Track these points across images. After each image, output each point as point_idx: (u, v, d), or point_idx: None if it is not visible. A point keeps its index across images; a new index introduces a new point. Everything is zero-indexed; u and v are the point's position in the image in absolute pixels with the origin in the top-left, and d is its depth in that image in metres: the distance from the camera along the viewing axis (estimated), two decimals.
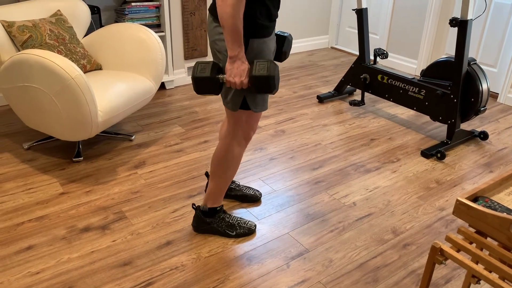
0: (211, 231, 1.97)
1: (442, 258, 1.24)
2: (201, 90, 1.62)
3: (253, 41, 1.58)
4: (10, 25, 2.42)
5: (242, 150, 1.84)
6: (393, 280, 1.78)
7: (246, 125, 1.77)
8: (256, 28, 1.57)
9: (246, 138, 1.81)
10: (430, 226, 2.10)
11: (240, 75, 1.55)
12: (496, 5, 3.49)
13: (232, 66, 1.55)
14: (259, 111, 1.73)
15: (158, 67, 2.69)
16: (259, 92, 1.61)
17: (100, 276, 1.74)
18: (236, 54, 1.53)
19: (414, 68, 4.15)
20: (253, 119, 1.77)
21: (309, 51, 4.77)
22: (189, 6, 3.47)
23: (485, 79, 2.70)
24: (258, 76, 1.55)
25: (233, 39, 1.50)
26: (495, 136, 2.99)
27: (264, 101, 1.73)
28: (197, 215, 1.97)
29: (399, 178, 2.47)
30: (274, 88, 1.58)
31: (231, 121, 1.76)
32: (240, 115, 1.73)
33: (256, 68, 1.55)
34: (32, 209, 2.11)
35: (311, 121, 3.12)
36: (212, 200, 1.92)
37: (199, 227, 1.98)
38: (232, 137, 1.79)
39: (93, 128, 2.26)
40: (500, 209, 1.23)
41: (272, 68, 1.55)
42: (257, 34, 1.59)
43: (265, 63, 1.56)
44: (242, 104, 1.68)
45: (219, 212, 1.95)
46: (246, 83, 1.58)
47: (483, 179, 2.50)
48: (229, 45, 1.51)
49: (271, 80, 1.55)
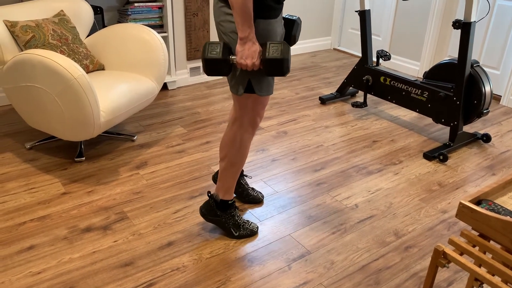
0: (217, 224, 1.96)
1: (445, 261, 1.23)
2: (211, 71, 1.58)
3: (259, 22, 1.56)
4: (13, 25, 2.43)
5: (249, 137, 1.81)
6: (395, 283, 1.77)
7: (252, 111, 1.74)
8: (263, 9, 1.54)
9: (252, 124, 1.78)
10: (432, 229, 2.09)
11: (252, 57, 1.52)
12: (499, 7, 3.49)
13: (243, 47, 1.52)
14: (264, 95, 1.70)
15: (160, 68, 2.69)
16: (271, 74, 1.56)
17: (102, 276, 1.74)
18: (246, 35, 1.50)
19: (417, 70, 4.15)
20: (259, 104, 1.73)
21: (312, 53, 4.77)
22: (191, 7, 3.47)
23: (488, 82, 2.70)
24: (271, 58, 1.50)
25: (243, 20, 1.47)
26: (498, 139, 2.98)
27: (269, 85, 1.69)
28: (209, 203, 1.94)
29: (401, 180, 2.47)
30: (287, 71, 1.54)
31: (237, 107, 1.74)
32: (245, 100, 1.70)
33: (270, 50, 1.51)
34: (34, 209, 2.11)
35: (313, 123, 3.12)
36: (224, 191, 1.90)
37: (207, 215, 1.95)
38: (239, 124, 1.76)
39: (95, 128, 2.26)
40: (504, 212, 1.22)
41: (286, 50, 1.51)
42: (264, 15, 1.56)
43: (278, 45, 1.51)
44: (247, 88, 1.66)
45: (231, 208, 1.94)
46: (258, 65, 1.55)
47: (486, 181, 2.49)
48: (239, 26, 1.48)
49: (285, 62, 1.51)
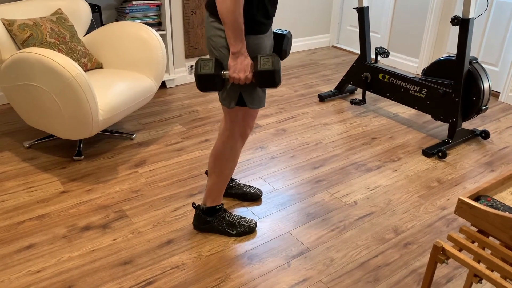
0: (211, 230, 1.97)
1: (444, 257, 1.23)
2: (205, 87, 1.61)
3: (249, 38, 1.58)
4: (10, 23, 2.42)
5: (239, 148, 1.83)
6: (394, 279, 1.77)
7: (243, 122, 1.76)
8: (252, 25, 1.56)
9: (242, 135, 1.80)
10: (431, 225, 2.09)
11: (244, 70, 1.55)
12: (497, 3, 3.48)
13: (235, 61, 1.54)
14: (256, 108, 1.72)
15: (159, 66, 2.68)
16: (263, 86, 1.59)
17: (101, 275, 1.74)
18: (238, 50, 1.52)
19: (416, 67, 4.14)
20: (249, 116, 1.76)
21: (310, 50, 4.77)
22: (190, 5, 3.47)
23: (487, 78, 2.70)
24: (263, 70, 1.54)
25: (234, 35, 1.49)
26: (497, 135, 2.98)
27: (260, 98, 1.71)
28: (197, 214, 1.97)
29: (400, 177, 2.47)
30: (279, 82, 1.58)
31: (227, 118, 1.75)
32: (236, 112, 1.72)
33: (261, 62, 1.54)
34: (32, 207, 2.11)
35: (312, 120, 3.12)
36: (212, 199, 1.92)
37: (199, 225, 1.97)
38: (228, 134, 1.78)
39: (94, 126, 2.25)
40: (502, 208, 1.22)
41: (276, 62, 1.54)
42: (254, 31, 1.58)
43: (269, 57, 1.55)
44: (238, 101, 1.67)
45: (220, 211, 1.95)
46: (251, 78, 1.57)
47: (485, 178, 2.49)
48: (231, 41, 1.51)
49: (276, 74, 1.54)
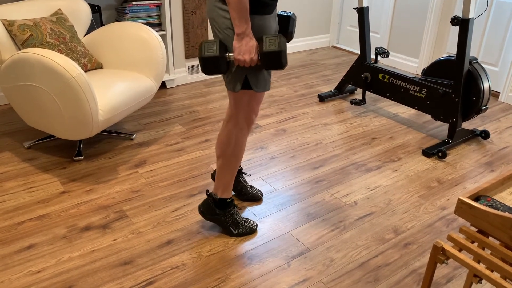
0: (216, 222, 1.96)
1: (444, 257, 1.23)
2: (209, 70, 1.58)
3: (253, 18, 1.55)
4: (10, 24, 2.42)
5: (245, 135, 1.81)
6: (394, 280, 1.77)
7: (248, 107, 1.73)
8: (257, 5, 1.54)
9: (248, 121, 1.78)
10: (431, 225, 2.09)
11: (250, 52, 1.52)
12: (497, 3, 3.48)
13: (240, 43, 1.52)
14: (261, 91, 1.69)
15: (159, 66, 2.69)
16: (269, 68, 1.56)
17: (101, 275, 1.74)
18: (243, 31, 1.50)
19: (416, 67, 4.14)
20: (254, 100, 1.73)
21: (310, 50, 4.77)
22: (189, 5, 3.47)
23: (487, 78, 2.70)
24: (269, 52, 1.50)
25: (239, 15, 1.47)
26: (497, 135, 2.98)
27: (266, 81, 1.69)
28: (208, 202, 1.94)
29: (400, 177, 2.47)
30: (285, 63, 1.55)
31: (232, 103, 1.73)
32: (241, 96, 1.70)
33: (267, 43, 1.51)
34: (32, 208, 2.11)
35: (312, 120, 3.12)
36: (222, 189, 1.90)
37: (207, 214, 1.95)
38: (234, 121, 1.76)
39: (94, 127, 2.25)
40: (502, 208, 1.22)
41: (282, 42, 1.51)
42: (258, 11, 1.55)
43: (275, 38, 1.52)
44: (243, 84, 1.65)
45: (230, 206, 1.94)
46: (256, 60, 1.55)
47: (485, 178, 2.49)
48: (236, 21, 1.48)
49: (283, 54, 1.51)
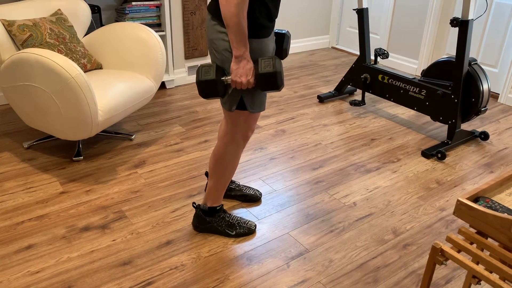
0: (211, 230, 1.97)
1: (442, 258, 1.23)
2: (207, 93, 1.60)
3: (251, 41, 1.57)
4: (10, 24, 2.42)
5: (240, 150, 1.83)
6: (393, 281, 1.77)
7: (244, 125, 1.76)
8: (255, 28, 1.56)
9: (244, 138, 1.80)
10: (431, 227, 2.10)
11: (247, 75, 1.54)
12: (497, 5, 3.49)
13: (237, 66, 1.53)
14: (256, 112, 1.71)
15: (158, 67, 2.69)
16: (266, 89, 1.58)
17: (100, 275, 1.74)
18: (241, 54, 1.51)
19: (415, 68, 4.15)
20: (251, 119, 1.75)
21: (310, 51, 4.77)
22: (189, 6, 3.47)
23: (486, 79, 2.70)
24: (264, 73, 1.52)
25: (238, 39, 1.48)
26: (496, 137, 2.98)
27: (261, 102, 1.71)
28: (197, 214, 1.97)
29: (399, 178, 2.47)
30: (281, 84, 1.56)
31: (229, 122, 1.75)
32: (237, 116, 1.72)
33: (262, 65, 1.53)
34: (32, 208, 2.11)
35: (312, 121, 3.12)
36: (212, 200, 1.92)
37: (199, 226, 1.97)
38: (230, 137, 1.78)
39: (93, 127, 2.25)
40: (501, 209, 1.23)
41: (278, 64, 1.53)
42: (257, 34, 1.57)
43: (269, 60, 1.54)
44: (239, 105, 1.67)
45: (219, 212, 1.95)
46: (252, 82, 1.56)
47: (484, 179, 2.50)
48: (234, 44, 1.50)
49: (278, 76, 1.53)
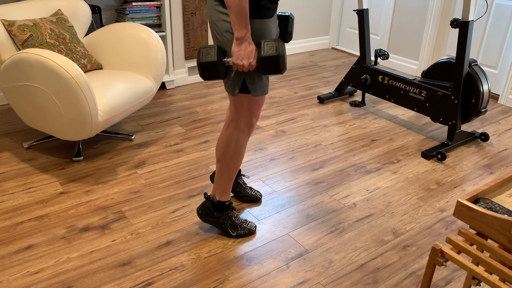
0: (214, 224, 1.96)
1: (442, 259, 1.23)
2: (208, 75, 1.59)
3: (253, 22, 1.55)
4: (10, 24, 2.42)
5: (245, 138, 1.81)
6: (393, 282, 1.77)
7: (248, 111, 1.74)
8: (257, 9, 1.54)
9: (248, 125, 1.78)
10: (431, 228, 2.09)
11: (248, 57, 1.53)
12: (497, 6, 3.49)
13: (239, 48, 1.52)
14: (259, 95, 1.69)
15: (158, 67, 2.69)
16: (268, 73, 1.56)
17: (100, 276, 1.74)
18: (243, 36, 1.50)
19: (415, 69, 4.15)
20: (255, 104, 1.73)
21: (310, 52, 4.77)
22: (189, 6, 3.47)
23: (486, 81, 2.70)
24: (267, 56, 1.51)
25: (239, 20, 1.47)
26: (496, 138, 2.98)
27: (263, 85, 1.69)
28: (206, 205, 1.94)
29: (399, 179, 2.47)
30: (284, 68, 1.55)
31: (233, 107, 1.73)
32: (241, 100, 1.70)
33: (264, 48, 1.52)
34: (31, 208, 2.11)
35: (312, 122, 3.12)
36: (220, 191, 1.91)
37: (205, 216, 1.96)
38: (234, 125, 1.76)
39: (93, 127, 2.25)
40: (501, 210, 1.22)
41: (281, 47, 1.51)
42: (259, 15, 1.56)
43: (273, 43, 1.52)
44: (241, 88, 1.66)
45: (228, 209, 1.94)
46: (254, 65, 1.55)
47: (484, 180, 2.49)
48: (236, 26, 1.48)
49: (281, 59, 1.51)
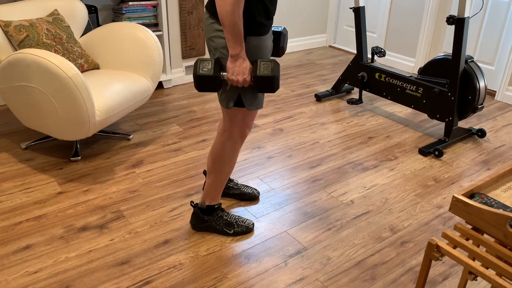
0: (209, 229, 1.98)
1: (438, 254, 1.24)
2: (203, 88, 1.62)
3: (250, 39, 1.58)
4: (7, 24, 2.42)
5: (238, 148, 1.83)
6: (391, 278, 1.78)
7: (242, 123, 1.76)
8: (253, 26, 1.57)
9: (241, 136, 1.81)
10: (428, 224, 2.10)
11: (243, 73, 1.55)
12: (493, 2, 3.50)
13: (234, 64, 1.54)
14: (253, 110, 1.72)
15: (155, 66, 2.69)
16: (261, 91, 1.60)
17: (98, 275, 1.74)
18: (237, 53, 1.52)
19: (412, 66, 4.15)
20: (248, 117, 1.76)
21: (307, 50, 4.77)
22: (186, 5, 3.47)
23: (483, 77, 2.71)
24: (262, 76, 1.54)
25: (233, 37, 1.49)
26: (493, 134, 2.99)
27: (259, 99, 1.72)
28: (195, 212, 1.97)
29: (396, 176, 2.48)
30: (277, 87, 1.59)
31: (226, 119, 1.76)
32: (235, 113, 1.73)
33: (260, 68, 1.55)
34: (30, 208, 2.11)
35: (309, 120, 3.12)
36: (210, 198, 1.93)
37: (197, 224, 1.98)
38: (228, 135, 1.79)
39: (91, 127, 2.25)
40: (496, 205, 1.23)
41: (276, 68, 1.55)
42: (254, 32, 1.58)
43: (269, 63, 1.55)
44: (236, 102, 1.68)
45: (217, 210, 1.95)
46: (249, 81, 1.57)
47: (481, 176, 2.50)
48: (230, 43, 1.51)
49: (275, 80, 1.55)
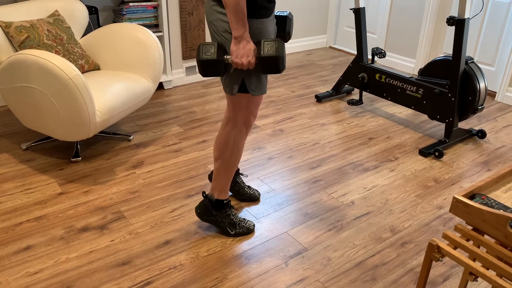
0: (213, 223, 1.97)
1: (439, 255, 1.24)
2: (207, 72, 1.60)
3: (251, 21, 1.56)
4: (7, 25, 2.42)
5: (243, 137, 1.82)
6: (391, 279, 1.78)
7: (246, 110, 1.75)
8: (255, 8, 1.55)
9: (246, 124, 1.79)
10: (428, 225, 2.10)
11: (247, 55, 1.53)
12: (493, 3, 3.50)
13: (237, 46, 1.53)
14: (257, 95, 1.70)
15: (156, 67, 2.69)
16: (267, 72, 1.57)
17: (99, 276, 1.74)
18: (241, 34, 1.51)
19: (412, 67, 4.16)
20: (253, 103, 1.74)
21: (308, 51, 4.78)
22: (187, 6, 3.47)
23: (483, 78, 2.71)
24: (266, 56, 1.52)
25: (237, 19, 1.48)
26: (493, 135, 2.99)
27: (262, 84, 1.70)
28: (204, 203, 1.95)
29: (397, 176, 2.48)
30: (283, 68, 1.56)
31: (231, 106, 1.74)
32: (239, 99, 1.71)
33: (264, 48, 1.52)
34: (30, 209, 2.11)
35: (309, 121, 3.13)
36: (219, 190, 1.91)
37: (203, 215, 1.96)
38: (232, 123, 1.77)
39: (91, 128, 2.26)
40: (497, 206, 1.23)
41: (280, 47, 1.52)
42: (256, 15, 1.56)
43: (273, 43, 1.53)
44: (240, 88, 1.67)
45: (226, 207, 1.95)
46: (254, 63, 1.56)
47: (481, 177, 2.50)
48: (233, 25, 1.49)
49: (280, 60, 1.52)
